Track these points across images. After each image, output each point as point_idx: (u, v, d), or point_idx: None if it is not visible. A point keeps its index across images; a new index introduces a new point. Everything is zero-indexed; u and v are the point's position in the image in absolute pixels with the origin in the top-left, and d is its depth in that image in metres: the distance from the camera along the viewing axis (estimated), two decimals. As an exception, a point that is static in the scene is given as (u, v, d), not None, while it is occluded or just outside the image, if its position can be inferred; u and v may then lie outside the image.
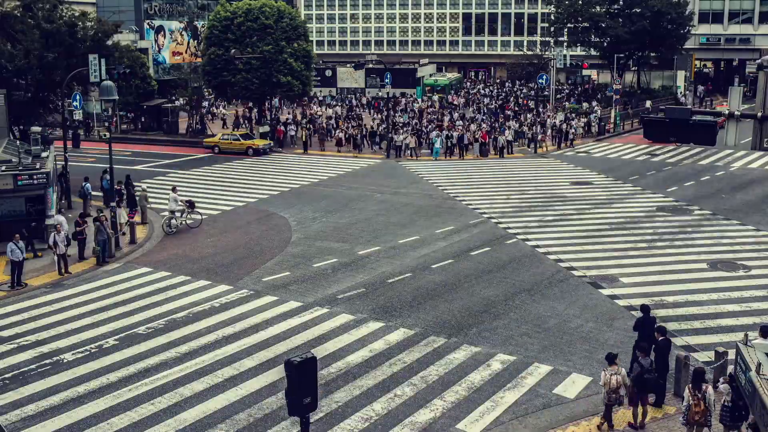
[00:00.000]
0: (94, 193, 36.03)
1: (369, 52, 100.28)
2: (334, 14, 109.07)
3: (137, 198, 34.43)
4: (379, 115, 64.23)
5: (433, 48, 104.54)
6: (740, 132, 20.38)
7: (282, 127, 56.53)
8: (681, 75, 76.40)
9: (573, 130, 55.75)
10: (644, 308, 17.87)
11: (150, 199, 34.85)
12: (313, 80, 59.42)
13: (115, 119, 58.64)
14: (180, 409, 16.52)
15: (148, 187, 37.59)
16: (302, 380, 11.39)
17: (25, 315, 22.23)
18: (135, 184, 36.59)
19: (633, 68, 78.91)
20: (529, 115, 61.84)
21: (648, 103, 66.97)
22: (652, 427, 15.68)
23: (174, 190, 33.12)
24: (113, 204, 30.84)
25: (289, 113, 66.91)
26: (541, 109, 65.27)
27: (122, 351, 19.56)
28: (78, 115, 45.62)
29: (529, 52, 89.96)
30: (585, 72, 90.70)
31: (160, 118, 59.48)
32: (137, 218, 32.83)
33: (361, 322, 21.35)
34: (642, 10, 69.36)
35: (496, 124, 57.35)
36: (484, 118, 62.52)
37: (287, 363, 11.35)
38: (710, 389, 14.48)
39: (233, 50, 51.33)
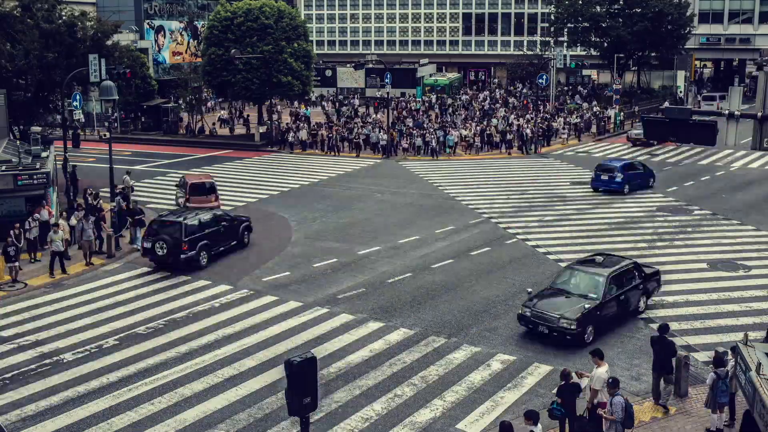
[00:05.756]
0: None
1: (369, 52, 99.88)
2: (334, 14, 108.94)
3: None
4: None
5: (433, 48, 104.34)
6: (740, 132, 20.37)
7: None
8: (681, 75, 76.32)
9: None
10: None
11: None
12: (313, 80, 59.39)
13: (114, 117, 58.58)
14: (180, 409, 16.54)
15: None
16: (302, 380, 11.39)
17: (25, 315, 22.25)
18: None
19: (633, 68, 78.82)
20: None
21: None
22: (653, 427, 15.69)
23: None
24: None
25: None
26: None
27: (122, 351, 19.57)
28: (78, 115, 45.64)
29: (529, 52, 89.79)
30: (585, 72, 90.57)
31: (160, 118, 59.46)
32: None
33: (361, 322, 21.35)
34: (643, 11, 69.28)
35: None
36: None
37: (287, 363, 11.35)
38: None
39: (233, 50, 51.34)
